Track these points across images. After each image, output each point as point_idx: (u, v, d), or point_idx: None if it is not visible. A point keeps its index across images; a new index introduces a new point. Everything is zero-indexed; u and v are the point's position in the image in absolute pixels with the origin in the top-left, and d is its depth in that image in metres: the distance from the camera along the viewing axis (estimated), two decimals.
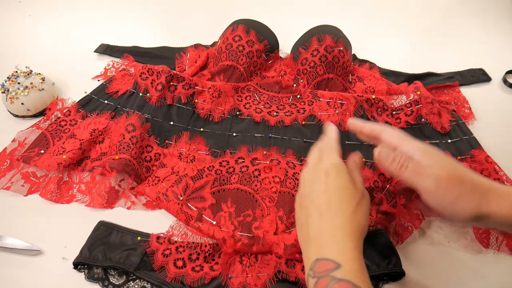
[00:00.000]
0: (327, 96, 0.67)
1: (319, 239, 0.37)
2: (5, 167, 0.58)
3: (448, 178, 0.38)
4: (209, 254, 0.48)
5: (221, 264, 0.47)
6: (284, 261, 0.48)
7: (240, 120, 0.66)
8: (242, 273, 0.47)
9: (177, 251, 0.48)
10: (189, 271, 0.47)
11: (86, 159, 0.59)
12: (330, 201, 0.38)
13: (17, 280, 0.48)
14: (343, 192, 0.39)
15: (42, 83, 0.67)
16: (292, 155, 0.60)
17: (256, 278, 0.47)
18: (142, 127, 0.60)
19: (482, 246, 0.50)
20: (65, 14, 0.94)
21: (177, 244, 0.48)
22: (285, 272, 0.47)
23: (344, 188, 0.39)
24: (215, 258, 0.48)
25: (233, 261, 0.48)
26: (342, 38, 0.69)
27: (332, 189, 0.39)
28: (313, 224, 0.38)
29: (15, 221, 0.53)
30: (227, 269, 0.47)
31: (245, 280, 0.47)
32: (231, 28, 0.71)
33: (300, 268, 0.47)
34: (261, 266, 0.48)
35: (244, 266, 0.48)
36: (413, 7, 1.00)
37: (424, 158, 0.40)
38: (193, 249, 0.48)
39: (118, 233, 0.50)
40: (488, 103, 0.71)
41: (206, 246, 0.48)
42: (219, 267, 0.47)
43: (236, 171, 0.57)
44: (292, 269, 0.47)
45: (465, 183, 0.38)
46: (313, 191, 0.40)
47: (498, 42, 0.87)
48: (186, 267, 0.47)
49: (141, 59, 0.78)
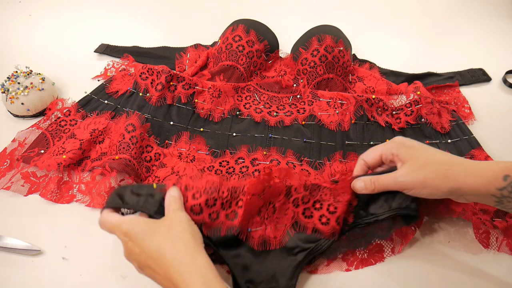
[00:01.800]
0: (327, 96, 0.67)
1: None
2: (5, 167, 0.58)
3: (416, 162, 0.43)
4: (226, 200, 0.46)
5: (241, 219, 0.45)
6: (301, 211, 0.48)
7: (240, 120, 0.66)
8: (261, 225, 0.47)
9: (193, 197, 0.45)
10: (206, 218, 0.45)
11: (86, 159, 0.59)
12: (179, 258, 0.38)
13: (17, 280, 0.48)
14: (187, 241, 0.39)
15: (42, 83, 0.67)
16: (292, 155, 0.60)
17: (275, 230, 0.47)
18: (142, 127, 0.60)
19: (482, 246, 0.50)
20: (65, 14, 0.94)
21: (193, 191, 0.45)
22: (303, 223, 0.47)
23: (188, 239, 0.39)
24: (232, 205, 0.46)
25: (252, 215, 0.47)
26: (342, 38, 0.69)
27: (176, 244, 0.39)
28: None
29: (15, 221, 0.53)
30: (247, 223, 0.47)
31: (264, 232, 0.47)
32: (231, 28, 0.71)
33: (317, 217, 0.47)
34: (279, 216, 0.47)
35: (263, 217, 0.47)
36: (413, 7, 1.00)
37: (398, 151, 0.45)
38: (210, 195, 0.45)
39: (134, 188, 0.47)
40: (488, 103, 0.71)
41: (223, 192, 0.46)
42: (238, 221, 0.45)
43: (236, 171, 0.57)
44: (310, 219, 0.47)
45: (432, 163, 0.43)
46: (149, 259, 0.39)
47: (498, 42, 0.87)
48: (203, 213, 0.45)
49: (141, 59, 0.78)
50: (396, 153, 0.45)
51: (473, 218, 0.50)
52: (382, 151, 0.47)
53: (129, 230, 0.40)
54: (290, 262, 0.46)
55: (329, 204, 0.47)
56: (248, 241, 0.47)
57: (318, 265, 0.49)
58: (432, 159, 0.43)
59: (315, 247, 0.47)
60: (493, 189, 0.40)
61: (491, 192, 0.40)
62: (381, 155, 0.48)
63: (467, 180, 0.41)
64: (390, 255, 0.50)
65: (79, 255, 0.50)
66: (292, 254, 0.47)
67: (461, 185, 0.41)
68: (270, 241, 0.47)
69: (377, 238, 0.49)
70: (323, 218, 0.47)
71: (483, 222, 0.50)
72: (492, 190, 0.40)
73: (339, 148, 0.61)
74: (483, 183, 0.40)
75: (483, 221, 0.50)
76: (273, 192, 0.47)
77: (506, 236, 0.50)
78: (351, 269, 0.49)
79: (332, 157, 0.60)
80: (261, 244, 0.47)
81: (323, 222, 0.47)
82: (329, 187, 0.48)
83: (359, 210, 0.48)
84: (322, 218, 0.47)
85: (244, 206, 0.45)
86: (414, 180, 0.43)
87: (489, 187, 0.40)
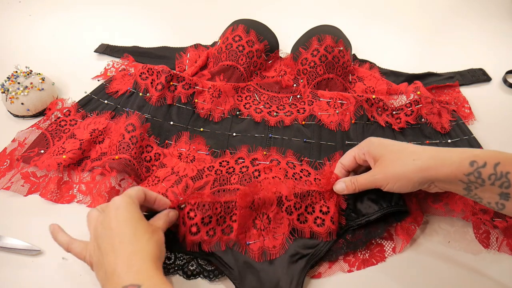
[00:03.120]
0: (327, 96, 0.67)
1: (116, 272, 0.36)
2: (5, 167, 0.58)
3: (386, 158, 0.45)
4: (221, 216, 0.48)
5: (237, 233, 0.47)
6: (296, 217, 0.49)
7: (240, 120, 0.66)
8: (259, 238, 0.48)
9: (188, 217, 0.47)
10: (204, 236, 0.46)
11: (86, 159, 0.59)
12: (123, 232, 0.39)
13: (17, 280, 0.48)
14: (135, 223, 0.40)
15: (42, 83, 0.67)
16: (292, 155, 0.60)
17: (273, 240, 0.48)
18: (142, 127, 0.60)
19: (482, 246, 0.50)
20: (65, 14, 0.94)
21: (186, 209, 0.47)
22: (299, 228, 0.48)
23: (135, 219, 0.40)
24: (227, 220, 0.48)
25: (247, 228, 0.48)
26: (342, 38, 0.69)
27: (124, 221, 0.39)
28: (108, 261, 0.37)
29: (15, 221, 0.53)
30: (244, 237, 0.47)
31: (263, 244, 0.47)
32: (231, 28, 0.71)
33: (312, 221, 0.49)
34: (275, 226, 0.48)
35: (259, 229, 0.48)
36: (413, 7, 1.00)
37: (369, 150, 0.47)
38: (204, 213, 0.47)
39: None
40: (488, 103, 0.71)
41: (217, 208, 0.48)
42: (234, 234, 0.47)
43: (236, 171, 0.57)
44: (305, 224, 0.49)
45: (400, 157, 0.44)
46: (105, 229, 0.40)
47: (498, 42, 0.87)
48: (201, 232, 0.46)
49: (141, 59, 0.78)
50: (367, 153, 0.47)
51: (473, 218, 0.50)
52: (355, 153, 0.49)
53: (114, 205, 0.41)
54: (292, 270, 0.46)
55: (321, 205, 0.49)
56: (248, 255, 0.47)
57: (320, 269, 0.49)
58: (400, 153, 0.45)
59: (314, 252, 0.48)
60: (461, 175, 0.41)
61: (459, 178, 0.41)
62: (354, 157, 0.49)
63: (435, 168, 0.42)
64: (391, 254, 0.50)
65: None
66: (293, 261, 0.47)
67: (430, 173, 0.42)
68: (270, 251, 0.47)
69: (374, 237, 0.50)
70: (318, 220, 0.49)
71: (483, 222, 0.50)
72: (459, 176, 0.41)
73: (339, 148, 0.61)
74: (451, 170, 0.41)
75: (483, 221, 0.50)
76: (264, 202, 0.49)
77: (506, 236, 0.50)
78: (353, 269, 0.49)
79: (332, 157, 0.60)
80: (262, 255, 0.47)
81: (318, 224, 0.49)
82: (317, 190, 0.50)
83: (350, 213, 0.50)
84: (317, 220, 0.49)
85: (238, 220, 0.47)
86: (386, 175, 0.45)
87: (456, 173, 0.41)
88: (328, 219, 0.49)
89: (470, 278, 0.48)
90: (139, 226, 0.40)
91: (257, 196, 0.48)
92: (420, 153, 0.44)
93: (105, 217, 0.41)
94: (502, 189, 0.39)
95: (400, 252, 0.50)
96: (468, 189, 0.42)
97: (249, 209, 0.48)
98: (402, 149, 0.45)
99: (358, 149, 0.49)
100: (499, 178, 0.39)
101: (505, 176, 0.39)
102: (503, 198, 0.40)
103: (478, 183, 0.40)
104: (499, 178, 0.39)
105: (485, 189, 0.40)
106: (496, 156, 0.40)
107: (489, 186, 0.40)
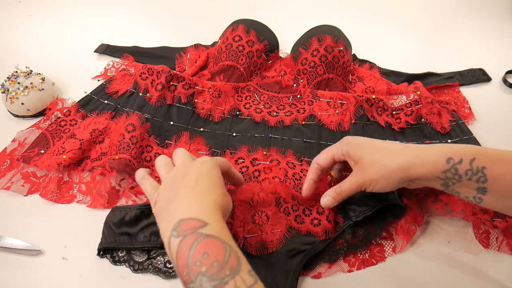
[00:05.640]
0: (327, 96, 0.67)
1: (186, 202, 0.39)
2: (5, 167, 0.58)
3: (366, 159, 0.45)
4: None
5: (235, 227, 0.47)
6: (293, 218, 0.49)
7: (240, 120, 0.66)
8: (257, 232, 0.48)
9: None
10: None
11: (86, 159, 0.59)
12: (202, 180, 0.41)
13: (17, 280, 0.47)
14: (215, 179, 0.42)
15: (42, 83, 0.67)
16: (292, 155, 0.60)
17: (271, 235, 0.48)
18: (142, 127, 0.60)
19: (482, 246, 0.50)
20: (65, 14, 0.94)
21: None
22: (296, 228, 0.49)
23: (216, 176, 0.43)
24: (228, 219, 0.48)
25: (246, 222, 0.48)
26: (342, 38, 0.69)
27: (206, 173, 0.42)
28: (181, 192, 0.40)
29: (15, 221, 0.53)
30: (242, 231, 0.48)
31: (260, 238, 0.48)
32: (231, 28, 0.71)
33: (309, 222, 0.49)
34: (273, 223, 0.49)
35: (257, 225, 0.48)
36: (413, 7, 1.00)
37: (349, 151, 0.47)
38: None
39: (133, 211, 0.49)
40: (488, 103, 0.71)
41: None
42: (233, 229, 0.47)
43: None
44: (302, 225, 0.49)
45: (378, 158, 0.44)
46: (186, 174, 0.42)
47: (498, 42, 0.87)
48: None
49: (141, 59, 0.78)
50: (347, 153, 0.47)
51: (473, 218, 0.50)
52: (334, 152, 0.49)
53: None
54: (289, 265, 0.47)
55: (318, 207, 0.50)
56: (245, 248, 0.47)
57: (320, 269, 0.49)
58: (378, 153, 0.45)
59: (311, 249, 0.48)
60: (437, 172, 0.41)
61: (436, 175, 0.41)
62: (333, 156, 0.49)
63: (412, 167, 0.42)
64: (391, 254, 0.50)
65: (79, 255, 0.50)
66: (290, 257, 0.47)
67: (408, 173, 0.42)
68: (268, 245, 0.47)
69: (374, 237, 0.50)
70: (315, 221, 0.49)
71: (483, 222, 0.50)
72: (436, 173, 0.41)
73: None
74: (427, 168, 0.41)
75: (483, 221, 0.50)
76: (263, 201, 0.49)
77: (506, 236, 0.50)
78: (353, 269, 0.49)
79: None
80: (259, 249, 0.47)
81: (315, 224, 0.49)
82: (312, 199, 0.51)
83: (346, 211, 0.50)
84: (314, 221, 0.50)
85: (237, 213, 0.48)
86: (367, 178, 0.45)
87: (433, 171, 0.41)
88: (324, 218, 0.49)
89: (470, 278, 0.48)
90: (218, 182, 0.42)
91: (256, 195, 0.49)
92: (397, 153, 0.44)
93: (188, 166, 0.43)
94: (479, 183, 0.40)
95: (400, 252, 0.50)
96: (445, 185, 0.42)
97: (248, 204, 0.49)
98: (380, 148, 0.45)
99: (337, 150, 0.49)
100: (475, 173, 0.40)
101: (481, 171, 0.39)
102: (480, 192, 0.40)
103: (455, 179, 0.41)
104: (475, 173, 0.40)
105: (462, 185, 0.41)
106: (472, 151, 0.40)
107: (466, 182, 0.40)
